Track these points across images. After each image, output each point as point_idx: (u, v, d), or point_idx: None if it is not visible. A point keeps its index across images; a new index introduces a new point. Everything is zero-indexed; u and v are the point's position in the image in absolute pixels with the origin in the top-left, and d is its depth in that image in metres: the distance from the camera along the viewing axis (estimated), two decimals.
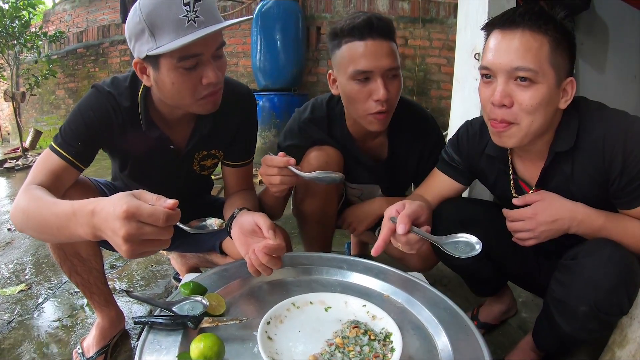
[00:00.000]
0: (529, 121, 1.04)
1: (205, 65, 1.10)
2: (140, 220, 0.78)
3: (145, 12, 1.04)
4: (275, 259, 1.06)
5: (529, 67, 1.00)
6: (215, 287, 1.07)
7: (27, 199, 1.03)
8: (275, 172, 1.28)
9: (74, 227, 0.87)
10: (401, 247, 1.05)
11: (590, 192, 1.12)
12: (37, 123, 7.47)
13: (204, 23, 1.05)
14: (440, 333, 0.92)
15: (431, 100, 4.92)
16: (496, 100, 1.04)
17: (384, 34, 1.29)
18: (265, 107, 4.36)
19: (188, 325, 0.90)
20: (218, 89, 1.17)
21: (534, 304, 1.73)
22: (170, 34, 1.03)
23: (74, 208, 0.87)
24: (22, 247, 2.50)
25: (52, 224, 0.92)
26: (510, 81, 1.04)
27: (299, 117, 1.55)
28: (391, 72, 1.31)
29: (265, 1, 4.44)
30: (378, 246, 1.04)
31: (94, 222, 0.83)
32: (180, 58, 1.06)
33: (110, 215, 0.79)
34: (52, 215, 0.92)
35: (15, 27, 5.72)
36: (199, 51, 1.07)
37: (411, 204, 1.09)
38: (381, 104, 1.31)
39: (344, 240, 2.36)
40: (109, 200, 0.81)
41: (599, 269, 1.01)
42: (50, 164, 1.16)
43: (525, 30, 1.01)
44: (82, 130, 1.19)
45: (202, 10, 1.05)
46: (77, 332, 1.59)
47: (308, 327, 0.92)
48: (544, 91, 1.02)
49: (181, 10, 1.03)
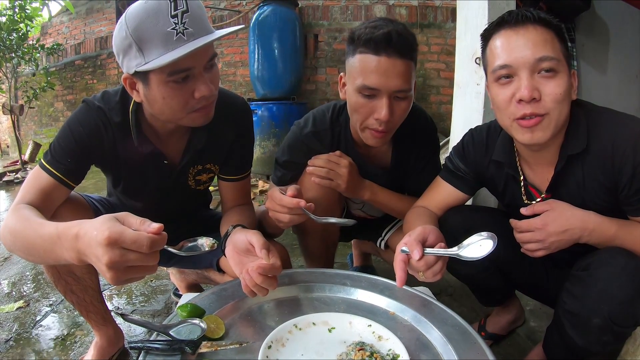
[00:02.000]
0: (558, 111, 1.03)
1: (197, 79, 1.06)
2: (123, 247, 0.75)
3: (132, 27, 1.00)
4: (271, 279, 1.02)
5: (552, 56, 1.01)
6: (214, 308, 1.04)
7: (14, 220, 1.00)
8: (285, 211, 1.22)
9: (59, 250, 0.84)
10: (423, 276, 1.00)
11: (600, 199, 1.09)
12: (36, 136, 7.47)
13: (193, 35, 1.01)
14: (449, 352, 0.89)
15: (431, 105, 4.90)
16: (526, 96, 1.01)
17: (401, 52, 1.21)
18: (264, 117, 4.33)
19: (186, 351, 0.86)
20: (211, 102, 1.13)
21: (542, 312, 1.70)
22: (159, 48, 1.00)
23: (58, 231, 0.84)
24: (20, 262, 2.47)
25: (39, 246, 0.90)
26: (535, 75, 1.03)
27: (300, 132, 1.49)
28: (400, 94, 1.25)
29: (262, 10, 4.44)
30: (400, 278, 0.98)
31: (78, 247, 0.80)
32: (170, 73, 1.03)
33: (93, 241, 0.76)
34: (38, 237, 0.90)
35: (13, 40, 5.72)
36: (189, 65, 1.03)
37: (414, 230, 1.04)
38: (379, 124, 1.27)
39: (347, 251, 2.32)
40: (92, 225, 0.78)
41: (613, 280, 0.98)
42: (40, 182, 1.13)
43: (536, 25, 1.03)
44: (72, 147, 1.16)
45: (191, 21, 1.01)
46: (76, 351, 1.56)
47: (311, 351, 0.88)
48: (566, 79, 1.03)
49: (169, 23, 0.99)
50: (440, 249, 0.98)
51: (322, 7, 5.05)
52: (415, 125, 1.47)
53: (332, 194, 1.44)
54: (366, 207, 1.68)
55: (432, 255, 0.98)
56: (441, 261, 1.00)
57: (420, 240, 1.00)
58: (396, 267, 0.99)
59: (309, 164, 1.42)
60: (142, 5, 1.01)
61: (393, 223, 1.70)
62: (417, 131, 1.49)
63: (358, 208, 1.70)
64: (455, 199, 1.35)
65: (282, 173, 1.52)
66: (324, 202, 1.42)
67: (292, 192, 1.20)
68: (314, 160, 1.41)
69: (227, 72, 5.37)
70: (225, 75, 5.37)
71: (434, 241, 1.03)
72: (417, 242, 0.99)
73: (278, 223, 1.26)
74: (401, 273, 0.98)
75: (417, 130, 1.49)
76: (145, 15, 1.00)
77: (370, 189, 1.48)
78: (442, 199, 1.36)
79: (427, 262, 0.98)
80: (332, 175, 1.39)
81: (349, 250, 2.30)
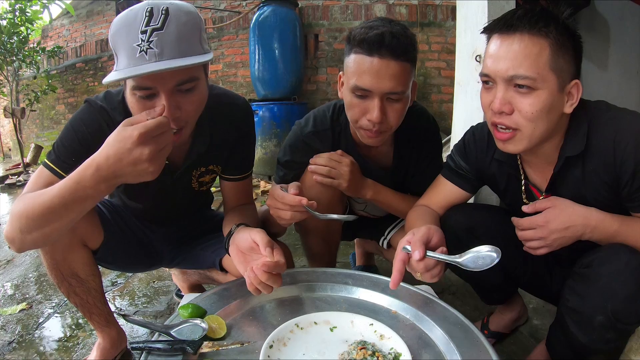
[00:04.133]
0: (530, 128, 1.02)
1: (161, 100, 1.00)
2: (153, 136, 0.86)
3: (111, 32, 1.00)
4: (276, 277, 1.02)
5: (526, 75, 0.97)
6: (216, 308, 1.04)
7: (21, 205, 1.01)
8: (287, 209, 1.21)
9: (82, 194, 0.92)
10: (420, 276, 1.00)
11: (602, 196, 1.08)
12: (38, 138, 7.48)
13: (156, 56, 0.95)
14: (452, 351, 0.88)
15: (432, 104, 4.89)
16: (495, 108, 1.02)
17: (395, 54, 1.19)
18: (265, 117, 4.33)
19: (187, 351, 0.86)
20: (178, 127, 1.07)
21: (545, 310, 1.69)
22: (125, 59, 0.97)
23: (72, 179, 0.92)
24: (23, 264, 2.47)
25: (58, 205, 0.94)
26: (510, 88, 1.01)
27: (301, 131, 1.49)
28: (393, 96, 1.24)
29: (262, 10, 4.43)
30: (395, 279, 0.98)
31: (105, 174, 0.89)
32: (133, 87, 1.01)
33: (124, 150, 0.86)
34: (54, 197, 0.94)
35: (14, 43, 5.72)
36: (149, 85, 0.99)
37: (419, 229, 1.03)
38: (372, 125, 1.26)
39: (349, 250, 2.32)
40: (109, 145, 0.88)
41: (616, 277, 0.98)
42: (44, 181, 1.12)
43: (524, 35, 0.98)
44: (75, 147, 1.16)
45: (159, 41, 0.95)
46: (79, 353, 1.56)
47: (313, 350, 0.88)
48: (545, 97, 0.99)
49: (137, 38, 0.95)
50: (442, 254, 0.97)
51: (322, 7, 5.04)
52: (416, 125, 1.47)
53: (334, 193, 1.44)
54: (369, 207, 1.68)
55: (433, 258, 0.97)
56: (440, 265, 0.99)
57: (424, 240, 1.00)
58: (395, 266, 0.99)
59: (310, 163, 1.42)
60: (125, 12, 0.99)
61: (396, 222, 1.70)
62: (418, 131, 1.48)
63: (361, 209, 1.70)
64: (458, 197, 1.35)
65: (284, 173, 1.52)
66: (326, 201, 1.42)
67: (294, 191, 1.20)
68: (315, 159, 1.41)
69: (227, 73, 5.37)
70: (226, 76, 5.37)
71: (437, 243, 1.02)
72: (420, 242, 0.98)
73: (279, 220, 1.26)
74: (397, 274, 0.98)
75: (418, 130, 1.48)
76: (121, 24, 0.98)
77: (373, 187, 1.47)
78: (444, 197, 1.36)
79: (426, 265, 0.97)
80: (334, 174, 1.38)
81: (351, 249, 2.29)
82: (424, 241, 0.99)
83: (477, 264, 0.94)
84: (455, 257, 0.96)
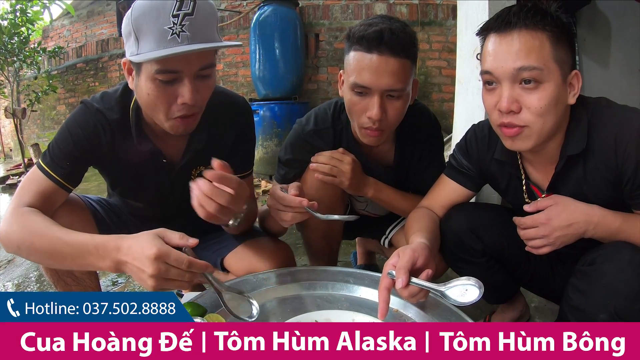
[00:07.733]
0: (540, 123, 1.01)
1: (184, 84, 1.05)
2: (167, 262, 0.91)
3: (135, 15, 1.01)
4: (223, 193, 1.02)
5: (534, 66, 0.97)
6: (216, 307, 1.03)
7: (22, 224, 1.03)
8: (288, 210, 1.21)
9: (93, 259, 0.97)
10: (405, 299, 1.00)
11: (604, 193, 1.08)
12: (39, 139, 7.48)
13: (188, 39, 1.00)
14: None
15: (433, 103, 4.88)
16: (504, 107, 1.01)
17: (394, 51, 1.19)
18: (266, 117, 4.33)
19: None
20: (192, 112, 1.11)
21: (547, 308, 1.69)
22: (152, 43, 1.00)
23: (95, 242, 0.97)
24: (24, 264, 2.47)
25: (66, 253, 0.99)
26: (516, 85, 1.01)
27: (302, 130, 1.49)
28: (393, 93, 1.24)
29: (262, 10, 4.44)
30: (382, 310, 0.98)
31: (119, 258, 0.94)
32: (157, 71, 1.02)
33: (140, 254, 0.91)
34: (66, 245, 0.99)
35: (15, 44, 5.74)
36: (178, 68, 1.03)
37: (404, 252, 1.02)
38: (372, 122, 1.26)
39: (350, 249, 2.32)
40: (136, 241, 0.93)
41: (619, 275, 0.97)
42: (38, 185, 1.13)
43: (522, 30, 0.99)
44: (70, 150, 1.16)
45: (190, 25, 1.00)
46: None
47: None
48: (552, 90, 0.99)
49: (168, 21, 0.99)
50: (426, 282, 0.96)
51: (322, 6, 5.04)
52: (418, 124, 1.47)
53: (335, 191, 1.44)
54: (370, 206, 1.67)
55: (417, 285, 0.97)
56: (424, 292, 0.98)
57: (409, 266, 0.98)
58: (380, 295, 0.99)
59: (312, 161, 1.41)
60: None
61: (397, 221, 1.70)
62: (420, 129, 1.48)
63: (362, 208, 1.69)
64: (460, 195, 1.35)
65: (285, 171, 1.51)
66: (327, 199, 1.42)
67: (294, 192, 1.20)
68: (317, 157, 1.41)
69: (228, 72, 5.37)
70: (227, 75, 5.37)
71: (423, 264, 1.01)
72: (404, 269, 0.97)
73: (280, 222, 1.26)
74: (383, 305, 0.98)
75: (420, 129, 1.48)
76: (149, 7, 1.00)
77: (374, 186, 1.47)
78: (447, 196, 1.36)
79: (410, 292, 0.97)
80: (336, 172, 1.38)
81: (352, 248, 2.29)
82: (408, 268, 0.97)
83: (460, 297, 0.94)
84: (440, 287, 0.96)
